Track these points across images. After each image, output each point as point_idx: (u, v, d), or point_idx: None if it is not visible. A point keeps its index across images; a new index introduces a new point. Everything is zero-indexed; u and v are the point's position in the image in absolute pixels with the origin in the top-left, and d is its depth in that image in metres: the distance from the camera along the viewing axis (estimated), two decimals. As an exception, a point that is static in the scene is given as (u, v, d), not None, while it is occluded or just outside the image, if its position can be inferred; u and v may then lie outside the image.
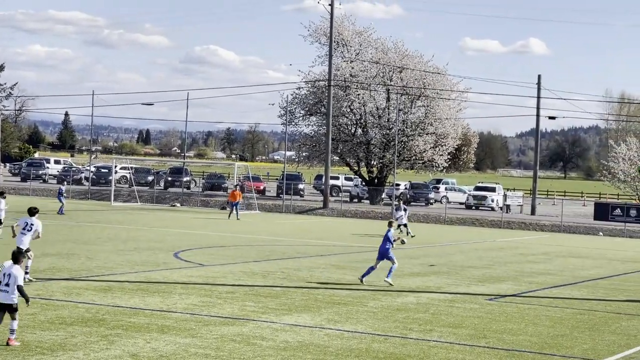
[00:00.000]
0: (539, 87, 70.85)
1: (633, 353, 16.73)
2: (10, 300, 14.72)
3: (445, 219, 60.83)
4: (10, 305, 14.73)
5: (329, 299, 22.02)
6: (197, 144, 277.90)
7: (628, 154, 73.78)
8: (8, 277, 14.81)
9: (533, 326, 19.38)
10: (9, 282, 14.76)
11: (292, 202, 67.06)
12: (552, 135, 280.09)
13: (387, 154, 73.05)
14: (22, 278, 14.92)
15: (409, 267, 30.66)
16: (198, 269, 27.09)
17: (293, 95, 76.77)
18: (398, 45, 75.98)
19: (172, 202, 68.17)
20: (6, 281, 14.79)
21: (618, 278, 30.93)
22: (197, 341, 15.82)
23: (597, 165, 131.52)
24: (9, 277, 14.80)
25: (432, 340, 17.16)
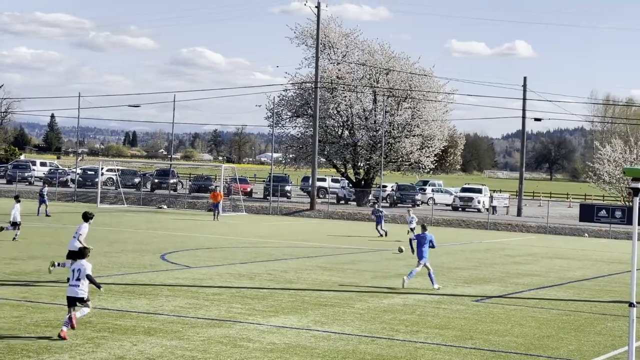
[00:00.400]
0: (525, 89, 71.07)
1: (618, 354, 16.80)
2: (82, 294, 16.06)
3: (432, 221, 60.89)
4: (82, 298, 16.08)
5: (316, 300, 22.04)
6: (184, 146, 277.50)
7: (613, 156, 73.99)
8: (78, 272, 16.10)
9: (519, 327, 19.44)
10: (80, 276, 16.04)
11: (279, 204, 67.04)
12: (538, 137, 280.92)
13: (374, 155, 73.12)
14: (90, 268, 16.24)
15: (395, 268, 30.69)
16: (185, 271, 27.06)
17: (280, 97, 76.82)
18: (384, 47, 76.12)
19: (158, 204, 68.05)
20: (77, 276, 16.07)
21: (603, 279, 31.05)
22: (183, 343, 15.81)
23: (582, 166, 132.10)
24: (78, 272, 16.09)
25: (418, 341, 17.20)
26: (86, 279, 16.08)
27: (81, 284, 16.04)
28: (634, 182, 11.96)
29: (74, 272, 16.19)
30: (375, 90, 73.83)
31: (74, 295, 16.07)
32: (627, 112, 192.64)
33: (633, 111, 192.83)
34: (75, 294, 16.06)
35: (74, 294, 16.08)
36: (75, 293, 16.06)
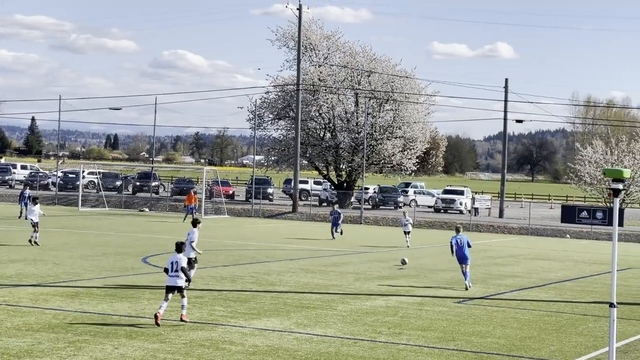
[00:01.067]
0: (506, 91, 71.30)
1: (600, 354, 16.86)
2: (180, 283, 18.01)
3: (414, 223, 60.95)
4: (180, 287, 18.02)
5: (298, 303, 22.02)
6: (165, 149, 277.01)
7: (594, 157, 74.29)
8: (176, 264, 18.07)
9: (501, 328, 19.48)
10: (178, 268, 18.00)
11: (261, 207, 66.97)
12: (520, 138, 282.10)
13: (356, 157, 73.16)
14: (185, 261, 18.24)
15: (377, 270, 30.72)
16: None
17: (262, 99, 76.83)
18: (366, 49, 76.21)
19: (140, 207, 67.85)
20: (176, 267, 18.05)
21: (585, 280, 31.17)
22: (165, 346, 15.76)
23: (564, 168, 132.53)
24: (176, 264, 18.06)
25: (401, 343, 17.20)
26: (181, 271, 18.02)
27: (181, 275, 18.06)
28: (615, 183, 12.01)
29: (172, 264, 18.13)
30: (357, 92, 73.89)
31: (174, 284, 18.06)
32: (607, 114, 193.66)
33: (614, 112, 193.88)
34: (175, 283, 18.04)
35: (174, 283, 18.05)
36: (175, 282, 18.04)
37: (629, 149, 73.98)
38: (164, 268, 18.71)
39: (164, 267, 18.79)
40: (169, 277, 18.18)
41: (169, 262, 18.25)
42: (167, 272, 18.23)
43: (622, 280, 30.61)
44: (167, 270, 18.27)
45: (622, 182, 12.06)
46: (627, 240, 55.37)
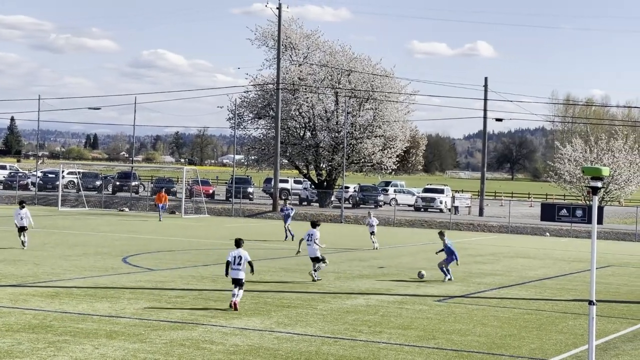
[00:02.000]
0: (486, 90, 71.51)
1: (579, 352, 16.94)
2: (241, 276, 20.18)
3: (394, 221, 61.09)
4: (241, 280, 20.21)
5: (279, 302, 22.01)
6: (145, 148, 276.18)
7: (573, 155, 74.72)
8: (239, 258, 20.22)
9: (481, 326, 19.54)
10: (240, 262, 20.12)
11: (241, 206, 66.90)
12: (500, 137, 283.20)
13: (336, 156, 73.21)
14: (249, 255, 20.43)
15: (358, 269, 30.74)
16: (147, 273, 26.91)
17: (241, 98, 76.76)
18: (346, 48, 76.33)
19: (120, 207, 67.64)
20: (238, 261, 20.15)
21: (564, 278, 31.31)
22: (146, 346, 15.71)
23: (543, 166, 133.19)
24: (239, 258, 20.20)
25: (381, 342, 17.22)
26: (247, 265, 20.30)
27: (242, 269, 20.12)
28: (593, 181, 12.06)
29: (235, 258, 20.20)
30: (337, 91, 73.94)
31: (236, 277, 20.16)
32: (587, 112, 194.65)
33: (593, 111, 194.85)
34: (237, 275, 20.11)
35: (237, 275, 20.15)
36: (237, 275, 20.12)
37: (608, 147, 74.47)
38: (226, 261, 20.57)
39: (226, 260, 20.61)
40: (232, 270, 20.23)
41: (231, 256, 20.32)
42: (229, 265, 20.28)
43: (601, 278, 30.77)
44: (228, 263, 20.29)
45: (601, 180, 12.12)
46: (607, 238, 55.66)
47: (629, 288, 28.75)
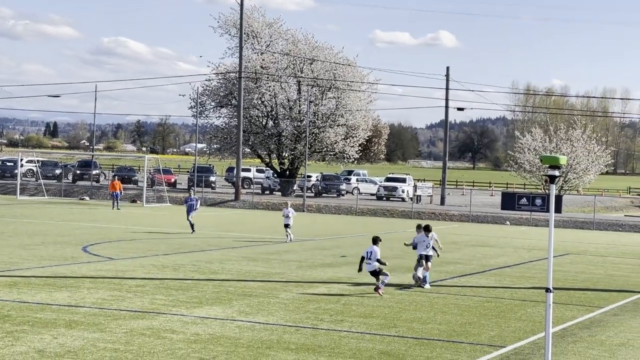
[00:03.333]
0: (448, 79, 71.85)
1: (537, 339, 17.11)
2: (373, 268, 22.25)
3: (357, 210, 61.24)
4: (376, 271, 22.25)
5: (241, 291, 22.00)
6: (106, 137, 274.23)
7: (533, 145, 75.27)
8: (371, 254, 22.29)
9: (442, 314, 19.66)
10: (371, 257, 22.21)
11: (203, 195, 66.68)
12: (461, 126, 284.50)
13: (299, 145, 73.20)
14: (379, 253, 22.40)
15: (320, 258, 30.80)
16: (107, 262, 26.76)
17: (204, 87, 76.44)
18: (308, 37, 76.29)
19: (80, 196, 67.17)
20: (369, 256, 22.25)
21: (524, 266, 31.59)
22: (106, 336, 15.63)
23: (504, 155, 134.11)
24: (371, 254, 22.28)
25: (343, 330, 17.28)
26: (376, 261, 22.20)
27: (372, 262, 22.25)
28: (551, 170, 12.16)
29: (367, 253, 22.37)
30: (299, 80, 73.89)
31: (371, 269, 22.35)
32: (547, 102, 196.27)
33: (553, 100, 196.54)
34: (372, 268, 22.31)
35: (371, 268, 22.33)
36: (371, 268, 22.30)
37: (567, 137, 75.11)
38: (361, 257, 22.63)
39: (361, 256, 22.65)
40: (366, 264, 22.43)
41: (366, 252, 22.51)
42: (363, 260, 22.44)
43: (559, 266, 31.11)
44: (363, 258, 22.45)
45: (559, 169, 12.22)
46: (566, 227, 56.21)
47: (587, 276, 29.08)
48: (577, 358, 15.64)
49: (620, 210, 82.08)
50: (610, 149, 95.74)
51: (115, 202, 56.28)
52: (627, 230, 55.92)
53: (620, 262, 34.76)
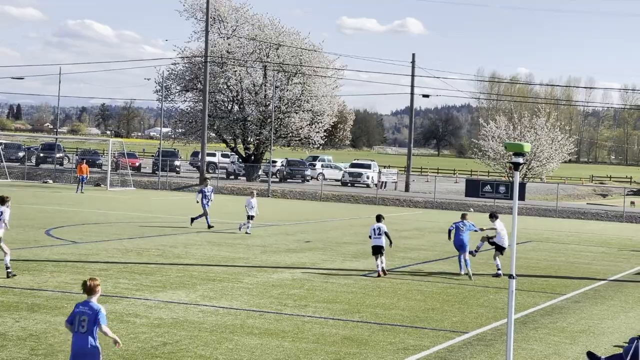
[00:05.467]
0: (413, 66, 71.97)
1: (499, 325, 17.27)
2: (381, 243, 23.57)
3: (321, 196, 61.30)
4: (381, 247, 23.59)
5: (205, 275, 21.97)
6: (70, 120, 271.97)
7: (497, 132, 75.57)
8: (379, 229, 23.57)
9: (405, 300, 19.77)
10: (380, 232, 23.55)
11: (168, 179, 66.44)
12: (427, 113, 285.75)
13: (264, 130, 73.08)
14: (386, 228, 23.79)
15: (284, 243, 30.82)
16: (70, 246, 26.60)
17: (169, 71, 76.08)
18: (274, 22, 76.05)
19: (44, 179, 66.62)
20: (378, 232, 23.57)
21: (487, 253, 31.77)
22: (68, 319, 15.55)
23: (468, 143, 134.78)
24: (379, 229, 23.55)
25: (306, 315, 17.33)
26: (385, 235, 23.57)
27: (382, 238, 23.54)
28: (515, 157, 12.26)
29: (375, 230, 23.61)
30: (265, 65, 73.72)
31: (377, 244, 23.56)
32: (511, 90, 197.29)
33: (517, 88, 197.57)
34: (378, 243, 23.53)
35: (377, 243, 23.56)
36: (378, 242, 23.53)
37: (531, 125, 75.49)
38: (368, 235, 24.03)
39: (368, 235, 24.06)
40: (373, 239, 23.62)
41: (371, 229, 23.79)
42: (371, 237, 23.71)
43: (522, 253, 31.37)
44: (371, 236, 23.70)
45: (523, 156, 12.32)
46: (528, 214, 56.64)
47: (549, 263, 29.36)
48: (539, 344, 15.81)
49: (583, 199, 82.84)
50: (574, 137, 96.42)
51: (80, 186, 55.95)
52: (589, 218, 56.46)
53: (582, 249, 35.12)
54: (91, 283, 10.61)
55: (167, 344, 14.17)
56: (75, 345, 10.25)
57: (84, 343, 10.19)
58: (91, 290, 10.58)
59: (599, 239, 40.58)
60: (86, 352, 10.16)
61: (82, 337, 10.22)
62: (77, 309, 10.41)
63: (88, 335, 10.22)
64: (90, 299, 10.54)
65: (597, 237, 42.11)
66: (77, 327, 10.28)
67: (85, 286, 10.60)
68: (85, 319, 10.27)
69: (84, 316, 10.30)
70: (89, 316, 10.28)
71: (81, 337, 10.22)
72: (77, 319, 10.32)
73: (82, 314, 10.32)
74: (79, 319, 10.30)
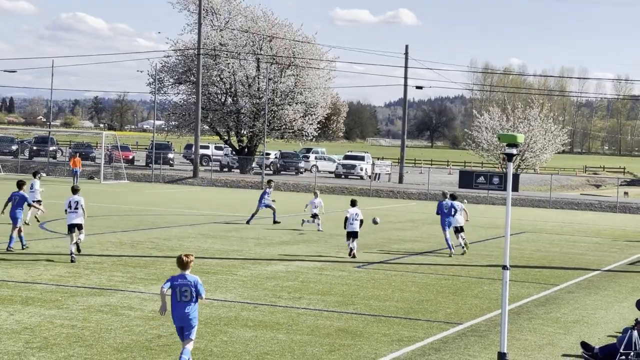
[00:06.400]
0: (407, 57, 71.93)
1: (494, 316, 17.30)
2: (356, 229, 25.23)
3: (315, 188, 61.24)
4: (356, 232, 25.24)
5: (198, 268, 21.92)
6: (64, 113, 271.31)
7: (491, 124, 75.65)
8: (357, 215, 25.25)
9: (399, 292, 19.79)
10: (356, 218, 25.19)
11: (161, 172, 66.38)
12: (420, 104, 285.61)
13: (257, 123, 73.03)
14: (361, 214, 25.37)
15: (278, 235, 30.83)
16: (64, 239, 26.53)
17: (162, 63, 75.91)
18: (267, 14, 75.96)
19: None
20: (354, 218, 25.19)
21: (481, 244, 31.86)
22: (63, 312, 15.56)
23: (462, 134, 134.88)
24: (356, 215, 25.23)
25: (301, 307, 17.34)
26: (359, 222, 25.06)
27: (356, 224, 24.83)
28: (509, 148, 12.27)
29: (352, 215, 24.97)
30: (258, 57, 73.63)
31: (353, 230, 24.87)
32: (505, 81, 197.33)
33: (510, 79, 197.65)
34: (353, 229, 24.86)
35: (353, 229, 24.83)
36: (353, 228, 24.86)
37: (524, 116, 75.60)
38: (345, 217, 25.16)
39: (345, 217, 25.21)
40: (349, 224, 24.79)
41: (349, 214, 24.95)
42: (347, 220, 24.85)
43: (516, 243, 31.42)
44: (347, 219, 24.88)
45: (516, 147, 12.33)
46: (522, 205, 56.70)
47: (542, 254, 29.41)
48: (533, 335, 15.84)
49: (577, 189, 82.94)
50: (567, 128, 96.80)
51: (75, 179, 55.88)
52: (582, 208, 56.54)
53: (576, 240, 35.19)
54: (185, 258, 12.15)
55: (161, 337, 14.18)
56: (180, 312, 12.01)
57: (188, 309, 12.01)
58: (186, 265, 12.14)
59: (593, 230, 40.66)
60: (190, 316, 12.00)
61: (185, 305, 11.99)
62: (177, 282, 12.03)
63: (191, 302, 12.03)
64: (185, 272, 12.11)
65: (591, 227, 42.20)
66: (180, 297, 12.01)
67: (181, 261, 12.14)
68: (187, 289, 11.99)
69: (185, 287, 12.01)
70: (190, 287, 12.00)
71: (185, 305, 11.99)
72: (178, 290, 12.00)
73: (183, 286, 12.01)
74: (180, 290, 12.01)
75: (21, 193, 23.73)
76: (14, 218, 23.46)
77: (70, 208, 22.57)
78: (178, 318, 12.09)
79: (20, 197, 23.62)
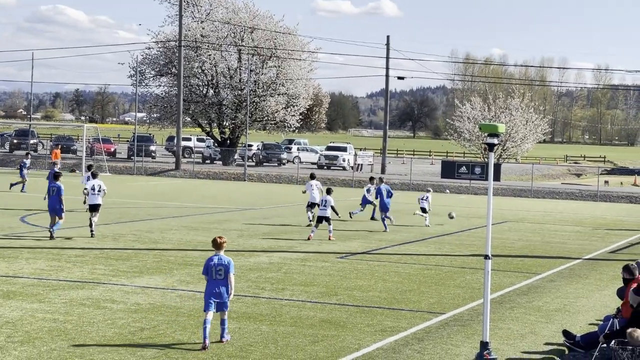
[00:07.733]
0: (388, 48, 71.96)
1: (476, 305, 17.36)
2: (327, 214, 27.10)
3: (298, 179, 61.27)
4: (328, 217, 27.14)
5: (181, 260, 21.94)
6: (44, 106, 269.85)
7: (472, 114, 75.87)
8: (326, 201, 27.35)
9: (382, 282, 19.83)
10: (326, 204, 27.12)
11: (143, 164, 66.21)
12: (402, 95, 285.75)
13: (239, 114, 72.94)
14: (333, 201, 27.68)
15: (261, 227, 30.81)
16: (46, 232, 26.46)
17: (143, 55, 75.65)
18: (248, 5, 75.81)
19: (18, 165, 66.15)
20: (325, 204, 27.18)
21: (463, 234, 31.96)
22: (45, 306, 15.51)
23: (444, 124, 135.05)
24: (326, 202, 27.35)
25: (284, 298, 17.35)
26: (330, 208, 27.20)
27: (327, 208, 26.91)
28: (490, 138, 12.31)
29: (322, 201, 27.28)
30: (240, 48, 73.49)
31: (323, 215, 26.92)
32: (486, 71, 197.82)
33: (492, 69, 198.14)
34: (324, 214, 26.83)
35: (324, 214, 26.88)
36: (324, 213, 26.83)
37: (506, 105, 75.86)
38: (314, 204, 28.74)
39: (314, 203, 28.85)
40: (320, 210, 26.94)
41: (321, 200, 27.39)
42: (317, 206, 27.43)
43: (498, 233, 31.53)
44: (317, 205, 27.45)
45: (497, 137, 12.37)
46: (504, 195, 56.88)
47: (524, 243, 29.54)
48: (515, 324, 15.92)
49: (558, 179, 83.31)
50: (548, 117, 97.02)
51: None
52: (563, 197, 56.80)
53: (557, 229, 35.35)
54: (219, 240, 13.59)
55: (144, 329, 14.16)
56: (214, 289, 13.32)
57: (223, 286, 13.35)
58: (220, 245, 13.54)
59: (574, 219, 40.85)
60: (222, 292, 13.32)
61: (220, 282, 13.34)
62: (212, 262, 13.37)
63: (225, 280, 13.35)
64: (219, 252, 13.48)
65: (572, 216, 42.40)
66: (215, 276, 13.34)
67: (216, 242, 13.56)
68: (221, 269, 13.33)
69: (220, 267, 13.35)
70: (225, 266, 13.34)
71: (220, 282, 13.34)
72: (214, 269, 13.33)
73: (219, 265, 13.36)
74: (216, 270, 13.34)
75: (58, 184, 25.66)
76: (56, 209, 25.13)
77: (93, 191, 26.58)
78: (214, 294, 13.27)
79: (58, 188, 25.46)
